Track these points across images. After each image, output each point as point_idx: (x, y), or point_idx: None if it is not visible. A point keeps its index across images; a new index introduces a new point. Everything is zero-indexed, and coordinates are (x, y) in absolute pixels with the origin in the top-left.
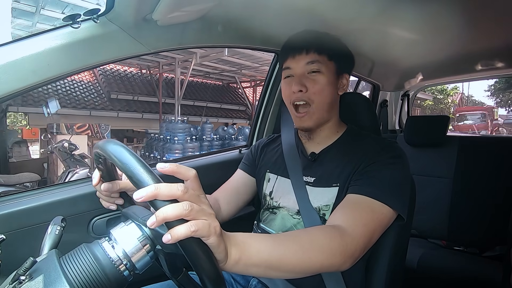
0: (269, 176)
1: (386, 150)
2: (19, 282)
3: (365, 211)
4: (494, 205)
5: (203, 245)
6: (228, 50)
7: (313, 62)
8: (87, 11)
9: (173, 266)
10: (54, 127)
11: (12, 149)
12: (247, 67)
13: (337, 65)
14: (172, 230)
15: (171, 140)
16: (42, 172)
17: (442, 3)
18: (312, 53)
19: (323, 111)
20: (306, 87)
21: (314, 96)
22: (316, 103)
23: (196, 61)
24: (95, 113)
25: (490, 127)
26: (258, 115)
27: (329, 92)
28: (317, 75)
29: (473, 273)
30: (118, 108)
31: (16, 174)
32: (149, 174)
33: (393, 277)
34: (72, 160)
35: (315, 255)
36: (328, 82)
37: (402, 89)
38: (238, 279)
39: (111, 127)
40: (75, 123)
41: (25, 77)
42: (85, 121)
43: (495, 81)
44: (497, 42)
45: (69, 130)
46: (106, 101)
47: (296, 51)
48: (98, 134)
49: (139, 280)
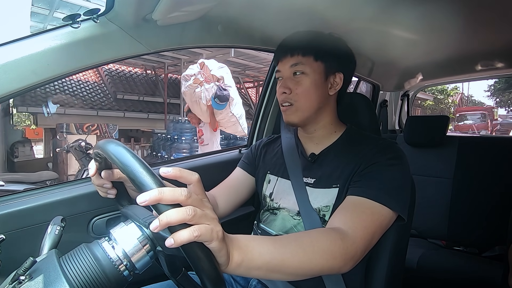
0: (269, 178)
1: (386, 151)
2: (18, 282)
3: (365, 214)
4: (494, 205)
5: (204, 248)
6: (234, 52)
7: (297, 64)
8: (87, 11)
9: (173, 266)
10: (64, 127)
11: (17, 149)
12: (251, 68)
13: (327, 64)
14: (175, 234)
15: (178, 140)
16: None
17: (442, 3)
18: (297, 55)
19: (308, 111)
20: (290, 89)
21: (297, 97)
22: (300, 103)
23: None
24: (102, 113)
25: (490, 127)
26: (258, 115)
27: (315, 93)
28: (301, 77)
29: (473, 273)
30: (124, 108)
31: (36, 172)
32: (152, 177)
33: (393, 277)
34: (88, 159)
35: (316, 258)
36: (313, 83)
37: (402, 89)
38: (238, 279)
39: (118, 127)
40: (84, 123)
41: (25, 77)
42: (92, 121)
43: (495, 81)
44: (497, 42)
45: (78, 130)
46: (113, 101)
47: (282, 54)
48: (106, 134)
49: (139, 280)
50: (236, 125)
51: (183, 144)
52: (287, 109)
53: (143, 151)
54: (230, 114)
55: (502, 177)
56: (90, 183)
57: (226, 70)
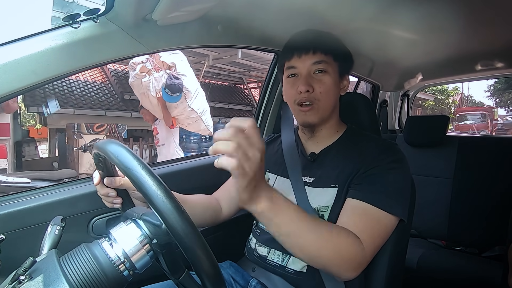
0: (268, 176)
1: (387, 153)
2: (18, 282)
3: (372, 223)
4: (494, 205)
5: (204, 248)
6: (241, 53)
7: (320, 62)
8: (87, 11)
9: (172, 266)
10: (76, 127)
11: (24, 148)
12: (256, 69)
13: (340, 66)
14: (218, 159)
15: (187, 139)
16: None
17: (442, 3)
18: (319, 53)
19: (328, 110)
20: (313, 87)
21: (320, 96)
22: (322, 103)
23: (209, 63)
24: (110, 113)
25: (490, 127)
26: (258, 115)
27: (334, 92)
28: (323, 75)
29: (473, 273)
30: (131, 109)
31: (58, 170)
32: (151, 177)
33: (392, 277)
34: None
35: (327, 247)
36: (334, 83)
37: (402, 89)
38: (238, 279)
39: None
40: (94, 123)
41: (25, 77)
42: (101, 121)
43: (495, 81)
44: (497, 42)
45: (89, 130)
46: (120, 102)
47: (302, 50)
48: (115, 133)
49: (138, 280)
50: (198, 122)
51: (191, 143)
52: (308, 110)
53: (151, 150)
54: (189, 109)
55: (502, 177)
56: (90, 183)
57: (180, 57)
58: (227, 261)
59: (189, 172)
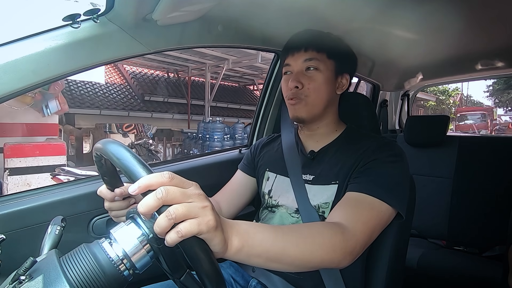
0: (268, 175)
1: (386, 148)
2: (19, 282)
3: (365, 209)
4: (494, 205)
5: (204, 248)
6: (261, 57)
7: (311, 59)
8: (87, 11)
9: (173, 265)
10: (107, 127)
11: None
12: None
13: (337, 64)
14: (167, 235)
15: (210, 139)
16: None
17: (442, 3)
18: (311, 51)
19: (318, 107)
20: (302, 84)
21: (308, 92)
22: (311, 99)
23: (228, 66)
24: (132, 113)
25: (490, 127)
26: (258, 115)
27: (326, 90)
28: (314, 72)
29: (473, 273)
30: (151, 109)
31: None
32: (142, 166)
33: (393, 276)
34: (149, 155)
35: (316, 250)
36: (326, 80)
37: (402, 89)
38: (238, 279)
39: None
40: (123, 123)
41: (25, 77)
42: (125, 121)
43: (494, 81)
44: (497, 42)
45: (119, 129)
46: (140, 103)
47: (295, 48)
48: (142, 133)
49: (139, 280)
50: None
51: (215, 142)
52: (296, 103)
53: (174, 149)
54: None
55: (503, 177)
56: (90, 183)
57: None
58: (227, 261)
59: (189, 172)
